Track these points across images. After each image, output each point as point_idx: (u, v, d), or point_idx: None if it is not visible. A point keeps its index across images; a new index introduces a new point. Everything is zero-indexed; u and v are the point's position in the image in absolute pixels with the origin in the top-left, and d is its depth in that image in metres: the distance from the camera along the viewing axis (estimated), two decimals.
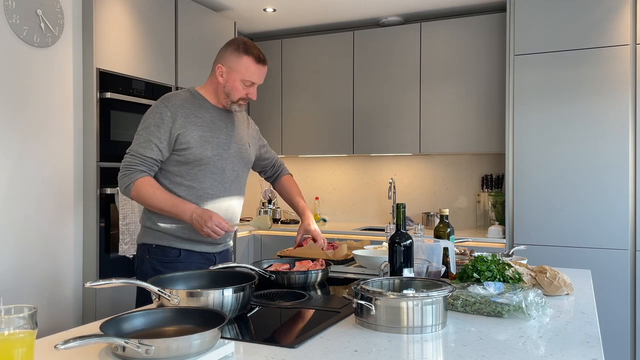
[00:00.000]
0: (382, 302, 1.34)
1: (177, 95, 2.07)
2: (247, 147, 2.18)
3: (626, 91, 3.25)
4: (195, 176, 2.02)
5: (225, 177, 2.08)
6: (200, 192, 2.02)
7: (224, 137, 2.08)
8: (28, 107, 2.65)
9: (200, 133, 2.01)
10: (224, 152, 2.07)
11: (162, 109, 2.00)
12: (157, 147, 1.96)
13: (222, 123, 2.10)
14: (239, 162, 2.14)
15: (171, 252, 2.03)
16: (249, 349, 1.22)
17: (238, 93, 2.06)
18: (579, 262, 3.32)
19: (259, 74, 2.06)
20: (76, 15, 2.87)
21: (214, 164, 2.04)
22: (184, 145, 1.98)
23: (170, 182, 2.01)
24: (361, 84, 4.26)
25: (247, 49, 2.03)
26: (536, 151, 3.46)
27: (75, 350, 1.18)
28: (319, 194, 4.76)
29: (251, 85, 2.06)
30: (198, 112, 2.04)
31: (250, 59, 2.03)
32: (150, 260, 2.03)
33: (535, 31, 3.46)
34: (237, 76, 2.03)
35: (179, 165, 2.01)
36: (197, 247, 2.05)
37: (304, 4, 3.96)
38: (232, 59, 2.04)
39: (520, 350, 1.20)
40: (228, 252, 2.22)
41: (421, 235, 2.16)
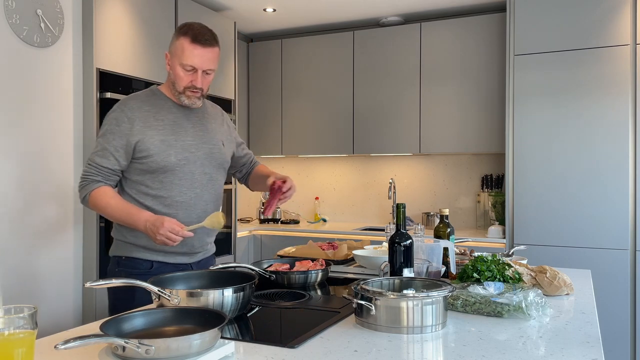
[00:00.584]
0: (382, 302, 1.34)
1: (136, 97, 1.92)
2: (220, 147, 2.01)
3: (626, 91, 3.25)
4: (162, 184, 1.87)
5: (195, 183, 1.91)
6: (169, 201, 1.88)
7: (191, 139, 1.91)
8: (28, 107, 2.65)
9: (162, 137, 1.85)
10: (191, 155, 1.90)
11: (118, 114, 1.86)
12: (113, 157, 1.83)
13: (188, 123, 1.93)
14: (211, 164, 1.97)
15: (142, 264, 1.89)
16: (249, 349, 1.22)
17: (181, 81, 1.85)
18: (579, 262, 3.32)
19: (197, 56, 1.81)
20: (76, 15, 2.87)
21: (180, 170, 1.88)
22: (144, 152, 1.83)
23: (136, 192, 1.88)
24: (361, 84, 4.26)
25: (184, 30, 1.83)
26: (536, 151, 3.46)
27: (75, 350, 1.18)
28: (319, 194, 4.76)
29: (192, 71, 1.84)
30: (159, 114, 1.88)
31: (186, 39, 1.81)
32: (120, 272, 1.90)
33: (535, 31, 3.46)
34: (175, 61, 1.84)
35: (143, 174, 1.87)
36: (171, 258, 1.91)
37: (304, 4, 3.96)
38: (173, 43, 1.87)
39: (520, 350, 1.20)
40: (209, 261, 2.07)
41: (421, 235, 2.16)
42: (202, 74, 1.85)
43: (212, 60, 1.86)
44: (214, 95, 3.84)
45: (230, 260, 3.97)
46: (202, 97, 1.92)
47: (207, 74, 1.87)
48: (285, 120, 4.54)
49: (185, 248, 1.91)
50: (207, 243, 2.01)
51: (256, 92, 4.65)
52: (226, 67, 4.02)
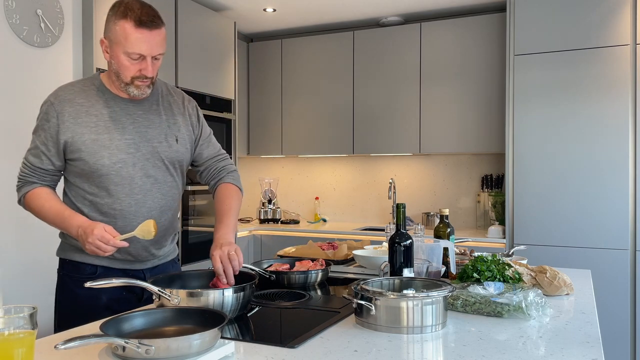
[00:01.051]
0: (382, 302, 1.34)
1: (69, 87, 1.68)
2: (171, 143, 1.72)
3: (626, 91, 3.25)
4: (98, 189, 1.65)
5: (134, 188, 1.66)
6: (105, 208, 1.65)
7: (129, 137, 1.66)
8: (28, 107, 2.65)
9: (94, 137, 1.61)
10: (128, 156, 1.65)
11: (48, 107, 1.64)
12: (45, 156, 1.64)
13: (127, 118, 1.67)
14: (156, 166, 1.70)
15: (86, 268, 1.70)
16: (249, 349, 1.22)
17: (128, 71, 1.60)
18: (579, 262, 3.32)
19: (145, 42, 1.56)
20: (76, 15, 2.87)
21: (116, 174, 1.63)
22: (75, 153, 1.62)
23: (75, 195, 1.68)
24: (361, 84, 4.26)
25: (124, 10, 1.57)
26: (536, 151, 3.46)
27: (75, 350, 1.18)
28: (319, 194, 4.76)
29: (140, 59, 1.59)
30: (92, 109, 1.64)
31: (129, 23, 1.55)
32: (63, 276, 1.74)
33: (535, 31, 3.46)
34: (118, 49, 1.58)
35: (79, 177, 1.66)
36: (117, 264, 1.71)
37: (304, 4, 3.96)
38: (109, 29, 1.60)
39: (520, 350, 1.20)
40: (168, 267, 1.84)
41: (421, 235, 2.16)
42: (151, 60, 1.61)
43: (161, 44, 1.63)
44: (214, 95, 3.85)
45: None
46: (151, 85, 1.67)
47: (156, 59, 1.63)
48: (285, 120, 4.54)
49: (130, 257, 1.72)
50: (159, 248, 1.79)
51: (256, 92, 4.65)
52: (226, 67, 4.02)
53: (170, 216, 1.79)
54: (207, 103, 3.78)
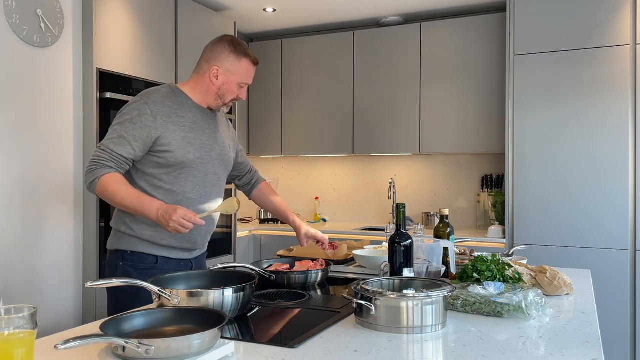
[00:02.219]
0: (382, 302, 1.34)
1: (157, 91, 1.93)
2: (228, 149, 2.09)
3: (626, 91, 3.25)
4: (176, 179, 1.90)
5: (207, 181, 1.96)
6: (181, 197, 1.90)
7: (207, 139, 1.97)
8: (28, 107, 2.65)
9: (183, 134, 1.89)
10: (206, 154, 1.96)
11: (141, 105, 1.87)
12: (130, 145, 1.83)
13: (205, 124, 1.99)
14: (221, 165, 2.03)
15: (147, 259, 1.90)
16: (249, 349, 1.22)
17: (232, 95, 1.98)
18: (579, 262, 3.32)
19: (253, 76, 2.03)
20: (76, 15, 2.87)
21: (196, 167, 1.92)
22: (165, 147, 1.86)
23: (148, 184, 1.89)
24: (361, 84, 4.26)
25: (245, 51, 1.96)
26: (536, 151, 3.46)
27: (75, 350, 1.18)
28: (319, 194, 4.76)
29: (244, 87, 2.01)
30: (180, 111, 1.92)
31: (249, 62, 1.97)
32: (125, 267, 1.90)
33: (535, 31, 3.46)
34: (235, 79, 1.95)
35: (159, 168, 1.88)
36: (175, 254, 1.94)
37: (304, 4, 3.96)
38: (230, 62, 1.94)
39: (520, 350, 1.20)
40: (203, 258, 2.12)
41: (421, 235, 2.16)
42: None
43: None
44: None
45: (230, 260, 3.97)
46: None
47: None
48: (285, 120, 4.54)
49: (189, 244, 1.95)
50: (207, 240, 2.06)
51: (256, 92, 4.65)
52: None
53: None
54: None
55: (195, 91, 1.98)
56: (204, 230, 1.97)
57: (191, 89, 1.99)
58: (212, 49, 1.96)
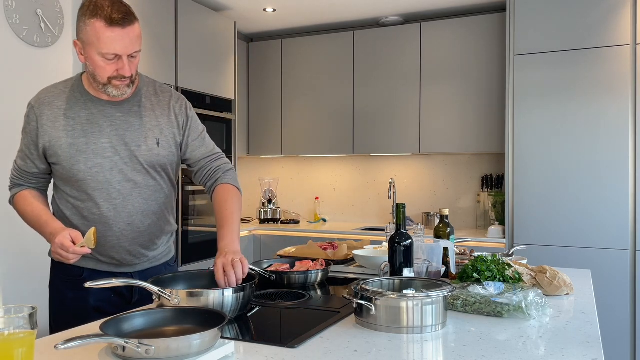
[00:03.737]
0: (382, 302, 1.34)
1: (51, 89, 1.65)
2: (151, 146, 1.66)
3: (626, 91, 3.25)
4: (79, 194, 1.63)
5: (112, 193, 1.63)
6: (86, 213, 1.64)
7: (106, 140, 1.61)
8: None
9: (71, 140, 1.59)
10: (105, 161, 1.61)
11: (29, 110, 1.63)
12: (29, 159, 1.64)
13: (105, 121, 1.62)
14: (136, 169, 1.65)
15: (72, 270, 1.70)
16: (249, 349, 1.22)
17: (104, 72, 1.53)
18: (579, 262, 3.32)
19: (118, 41, 1.50)
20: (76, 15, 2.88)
21: (92, 179, 1.61)
22: (54, 158, 1.61)
23: (60, 200, 1.68)
24: (361, 84, 4.26)
25: (93, 9, 1.50)
26: (536, 151, 3.46)
27: (75, 350, 1.18)
28: (319, 194, 4.76)
29: (116, 59, 1.52)
30: (70, 112, 1.61)
31: (100, 22, 1.48)
32: (53, 277, 1.78)
33: (535, 31, 3.46)
34: (92, 50, 1.51)
35: (60, 181, 1.66)
36: (104, 267, 1.71)
37: (304, 4, 3.96)
38: (82, 29, 1.52)
39: (520, 350, 1.20)
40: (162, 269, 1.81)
41: (421, 235, 2.16)
42: (127, 59, 1.54)
43: (136, 41, 1.55)
44: (214, 95, 3.85)
45: None
46: (131, 84, 1.60)
47: (132, 57, 1.56)
48: (285, 120, 4.54)
49: (115, 261, 1.71)
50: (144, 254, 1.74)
51: (256, 92, 4.65)
52: (226, 67, 4.02)
53: (155, 220, 1.73)
54: (207, 103, 3.78)
55: (88, 81, 1.63)
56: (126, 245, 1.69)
57: (87, 79, 1.64)
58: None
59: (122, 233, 1.67)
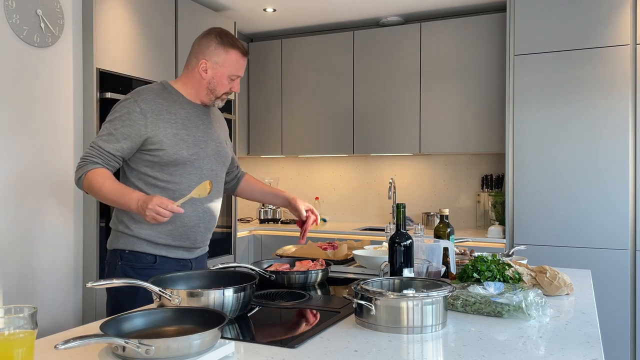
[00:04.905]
0: (382, 302, 1.34)
1: (148, 89, 1.92)
2: (224, 145, 2.06)
3: (626, 91, 3.25)
4: (171, 177, 1.88)
5: (203, 177, 1.93)
6: (177, 194, 1.88)
7: (201, 135, 1.95)
8: (28, 107, 2.65)
9: (175, 131, 1.88)
10: (201, 150, 1.93)
11: (131, 104, 1.86)
12: (118, 143, 1.83)
13: (198, 120, 1.96)
14: (217, 161, 2.00)
15: (146, 258, 1.89)
16: (249, 349, 1.22)
17: (224, 88, 1.95)
18: (579, 262, 3.32)
19: (244, 67, 1.98)
20: (76, 15, 2.87)
21: (191, 164, 1.90)
22: (157, 145, 1.85)
23: (144, 183, 1.88)
24: (361, 84, 4.26)
25: (232, 42, 1.93)
26: (536, 151, 3.46)
27: (75, 350, 1.18)
28: (319, 194, 4.76)
29: (236, 79, 1.97)
30: (171, 108, 1.90)
31: (238, 53, 1.93)
32: (123, 266, 1.89)
33: (535, 31, 3.46)
34: (224, 71, 1.93)
35: (152, 166, 1.88)
36: (174, 253, 1.92)
37: (304, 4, 3.96)
38: (217, 54, 1.92)
39: (520, 350, 1.20)
40: (204, 258, 2.09)
41: (421, 235, 2.16)
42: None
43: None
44: None
45: (230, 260, 3.97)
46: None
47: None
48: (285, 120, 4.54)
49: (188, 242, 1.93)
50: (208, 238, 2.03)
51: (256, 92, 4.65)
52: None
53: (219, 208, 2.04)
54: None
55: (186, 87, 1.96)
56: (202, 227, 1.95)
57: (183, 85, 1.97)
58: (200, 43, 1.94)
59: (204, 215, 1.94)
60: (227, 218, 3.93)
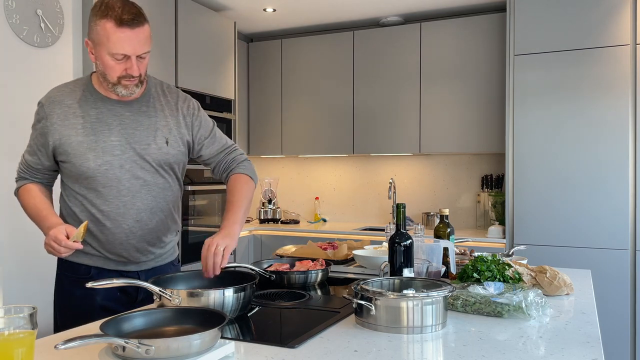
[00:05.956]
0: (382, 302, 1.34)
1: (61, 88, 1.68)
2: (160, 145, 1.70)
3: (626, 91, 3.25)
4: (87, 191, 1.65)
5: (122, 190, 1.65)
6: (94, 210, 1.66)
7: (115, 138, 1.64)
8: (28, 107, 2.65)
9: (80, 138, 1.61)
10: (114, 158, 1.63)
11: (39, 108, 1.66)
12: (35, 155, 1.68)
13: (114, 120, 1.65)
14: (144, 168, 1.68)
15: (80, 269, 1.71)
16: (249, 349, 1.22)
17: (113, 72, 1.57)
18: (579, 262, 3.32)
19: (127, 42, 1.52)
20: (76, 15, 2.87)
21: (102, 176, 1.63)
22: (63, 156, 1.63)
23: (68, 196, 1.70)
24: (361, 84, 4.26)
25: (104, 9, 1.52)
26: (536, 151, 3.46)
27: (75, 350, 1.18)
28: (319, 194, 4.76)
29: (125, 59, 1.56)
30: (80, 110, 1.63)
31: (110, 23, 1.51)
32: (60, 275, 1.77)
33: (535, 31, 3.46)
34: (102, 50, 1.55)
35: (69, 178, 1.68)
36: (112, 265, 1.72)
37: (304, 4, 3.96)
38: (92, 29, 1.55)
39: (520, 350, 1.20)
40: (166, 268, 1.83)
41: (421, 235, 2.16)
42: (136, 59, 1.57)
43: (145, 42, 1.57)
44: (214, 95, 3.85)
45: (230, 260, 3.97)
46: (139, 84, 1.64)
47: (141, 58, 1.59)
48: (285, 120, 4.54)
49: (122, 258, 1.73)
50: (148, 251, 1.76)
51: (256, 92, 4.65)
52: (226, 67, 4.02)
53: (162, 217, 1.76)
54: (207, 103, 3.78)
55: (99, 80, 1.66)
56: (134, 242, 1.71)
57: (96, 78, 1.68)
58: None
59: (131, 230, 1.69)
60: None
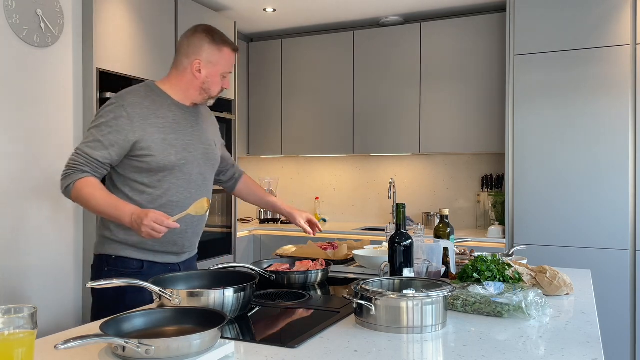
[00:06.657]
0: (382, 302, 1.34)
1: (134, 91, 1.87)
2: (213, 147, 2.01)
3: (626, 91, 3.25)
4: (159, 183, 1.83)
5: (191, 183, 1.89)
6: (164, 200, 1.84)
7: (189, 139, 1.90)
8: (28, 107, 2.65)
9: (163, 136, 1.82)
10: (189, 155, 1.88)
11: (118, 109, 1.80)
12: (106, 150, 1.77)
13: (187, 122, 1.91)
14: (206, 165, 1.96)
15: (132, 263, 1.84)
16: (249, 349, 1.22)
17: (217, 87, 1.92)
18: (579, 262, 3.32)
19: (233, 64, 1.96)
20: (76, 15, 2.87)
21: (179, 169, 1.85)
22: (145, 151, 1.79)
23: (131, 189, 1.83)
24: (361, 84, 4.26)
25: (224, 40, 1.90)
26: (536, 151, 3.46)
27: (75, 350, 1.18)
28: (319, 194, 4.76)
29: (227, 76, 1.95)
30: (159, 112, 1.85)
31: (230, 50, 1.91)
32: (109, 272, 1.84)
33: (535, 31, 3.46)
34: (218, 70, 1.89)
35: (140, 172, 1.82)
36: (160, 258, 1.88)
37: (304, 4, 3.96)
38: (210, 53, 1.88)
39: (520, 350, 1.20)
40: (193, 261, 2.06)
41: (421, 235, 2.16)
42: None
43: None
44: None
45: (230, 260, 3.97)
46: None
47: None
48: (285, 120, 4.54)
49: (175, 248, 1.90)
50: (196, 242, 2.01)
51: (256, 92, 4.65)
52: None
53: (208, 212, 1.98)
54: None
55: (176, 88, 1.92)
56: (190, 232, 1.92)
57: (172, 86, 1.92)
58: (190, 43, 1.90)
59: (192, 220, 1.88)
60: (227, 218, 3.93)
